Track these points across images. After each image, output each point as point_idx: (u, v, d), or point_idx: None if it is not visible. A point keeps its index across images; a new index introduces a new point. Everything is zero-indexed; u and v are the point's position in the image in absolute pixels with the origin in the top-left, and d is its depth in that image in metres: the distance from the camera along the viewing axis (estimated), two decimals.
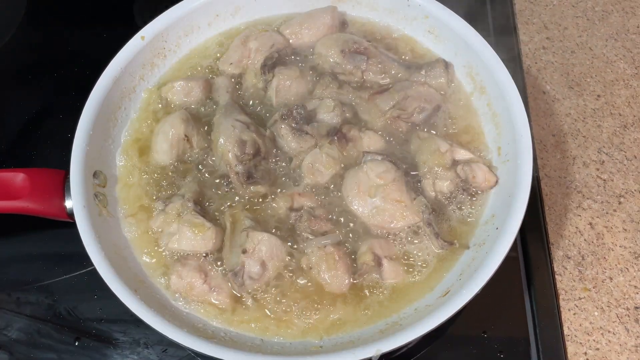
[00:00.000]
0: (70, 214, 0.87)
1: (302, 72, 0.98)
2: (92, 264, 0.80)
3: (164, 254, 0.87)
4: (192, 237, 0.84)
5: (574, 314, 0.96)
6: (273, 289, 0.83)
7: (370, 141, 0.92)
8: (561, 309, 0.96)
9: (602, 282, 0.98)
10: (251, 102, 0.99)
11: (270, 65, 0.98)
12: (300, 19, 1.04)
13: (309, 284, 0.84)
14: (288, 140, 0.91)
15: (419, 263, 0.85)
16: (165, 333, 0.76)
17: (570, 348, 0.93)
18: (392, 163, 0.87)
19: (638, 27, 1.26)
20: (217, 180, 0.91)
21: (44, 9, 1.35)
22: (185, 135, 0.92)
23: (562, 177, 1.08)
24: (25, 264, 1.03)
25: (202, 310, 0.83)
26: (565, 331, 0.94)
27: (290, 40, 1.04)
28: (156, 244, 0.87)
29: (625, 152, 1.10)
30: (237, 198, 0.90)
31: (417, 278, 0.84)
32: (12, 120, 1.18)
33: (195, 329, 0.80)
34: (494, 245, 0.80)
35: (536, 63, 1.21)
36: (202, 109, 0.98)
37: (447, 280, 0.83)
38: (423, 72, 0.98)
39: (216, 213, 0.89)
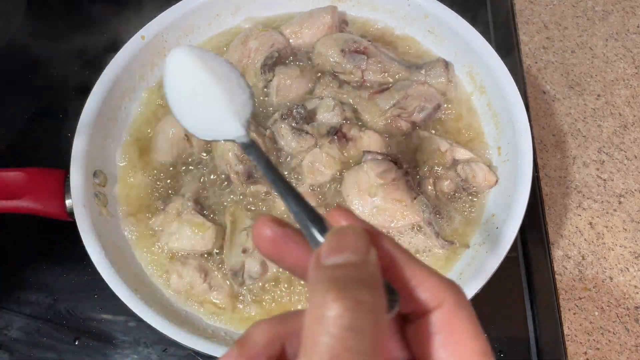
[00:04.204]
0: (70, 214, 0.86)
1: (302, 71, 0.98)
2: (92, 264, 0.80)
3: (164, 253, 0.87)
4: (192, 236, 0.84)
5: (574, 313, 0.95)
6: (273, 288, 0.83)
7: (371, 140, 0.92)
8: (561, 309, 0.96)
9: (602, 282, 0.98)
10: None
11: (271, 64, 0.97)
12: (300, 18, 1.04)
13: None
14: (288, 139, 0.91)
15: None
16: (165, 332, 0.76)
17: (570, 348, 0.93)
18: (392, 162, 0.87)
19: (638, 27, 1.26)
20: (217, 180, 0.91)
21: (43, 9, 1.34)
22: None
23: (562, 177, 1.07)
24: (25, 264, 1.03)
25: (202, 310, 0.83)
26: (565, 331, 0.94)
27: (290, 40, 1.04)
28: (156, 244, 0.87)
29: (625, 151, 1.10)
30: (237, 197, 0.90)
31: None
32: (12, 120, 1.18)
33: (195, 328, 0.80)
34: (494, 245, 0.80)
35: (536, 63, 1.21)
36: None
37: None
38: (423, 71, 0.98)
39: (216, 212, 0.89)
